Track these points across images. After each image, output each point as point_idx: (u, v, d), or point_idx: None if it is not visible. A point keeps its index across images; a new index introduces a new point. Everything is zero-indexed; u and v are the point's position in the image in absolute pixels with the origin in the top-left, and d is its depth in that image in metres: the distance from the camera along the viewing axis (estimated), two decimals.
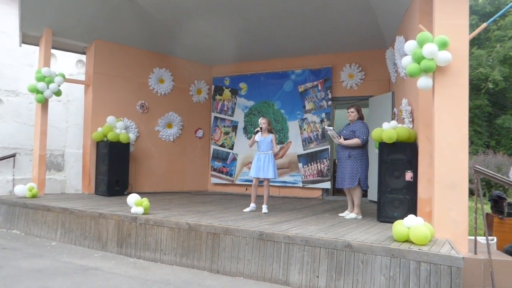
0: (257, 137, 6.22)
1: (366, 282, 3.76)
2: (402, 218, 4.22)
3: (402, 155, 5.19)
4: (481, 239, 4.64)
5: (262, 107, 9.53)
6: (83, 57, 8.90)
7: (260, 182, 6.31)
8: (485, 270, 3.80)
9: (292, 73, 9.21)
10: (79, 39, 8.24)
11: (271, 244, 4.29)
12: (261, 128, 6.22)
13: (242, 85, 9.81)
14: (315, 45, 8.69)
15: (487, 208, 6.73)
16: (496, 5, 16.33)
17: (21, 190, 7.03)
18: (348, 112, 5.90)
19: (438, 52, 4.14)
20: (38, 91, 7.40)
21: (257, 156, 6.23)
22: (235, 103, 9.89)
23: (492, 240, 5.21)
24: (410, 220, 3.95)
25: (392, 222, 4.41)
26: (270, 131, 6.24)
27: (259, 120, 6.34)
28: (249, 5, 7.52)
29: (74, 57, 9.08)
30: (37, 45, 8.03)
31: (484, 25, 4.56)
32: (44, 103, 7.64)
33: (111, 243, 5.42)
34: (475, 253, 3.98)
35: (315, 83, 8.92)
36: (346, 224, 5.14)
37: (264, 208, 6.10)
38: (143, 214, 5.37)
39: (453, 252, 3.54)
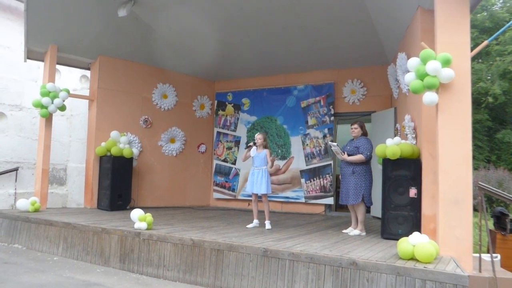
0: (252, 152, 6.25)
1: None
2: (406, 235, 4.21)
3: (406, 172, 5.18)
4: (485, 257, 4.62)
5: (264, 122, 9.57)
6: (87, 72, 9.00)
7: (260, 197, 6.32)
8: None
9: (295, 89, 9.27)
10: (83, 55, 8.33)
11: (276, 261, 4.27)
12: (255, 143, 6.25)
13: (245, 100, 9.87)
14: (317, 61, 8.77)
15: (490, 225, 6.69)
16: (495, 21, 16.50)
17: (23, 204, 7.02)
18: (352, 128, 5.91)
19: (442, 69, 4.19)
20: (42, 106, 7.46)
21: (252, 171, 6.28)
22: (238, 118, 9.93)
23: (496, 257, 5.18)
24: (415, 237, 3.94)
25: (396, 239, 4.40)
26: (265, 147, 6.27)
27: (255, 135, 6.38)
28: (252, 21, 7.62)
29: (78, 72, 9.16)
30: (42, 60, 8.11)
31: (485, 42, 4.61)
32: (48, 118, 7.69)
33: (113, 258, 5.39)
34: (480, 271, 3.96)
35: (318, 98, 8.97)
36: (351, 241, 5.12)
37: (268, 224, 6.09)
38: (147, 229, 5.36)
39: (458, 270, 3.52)
